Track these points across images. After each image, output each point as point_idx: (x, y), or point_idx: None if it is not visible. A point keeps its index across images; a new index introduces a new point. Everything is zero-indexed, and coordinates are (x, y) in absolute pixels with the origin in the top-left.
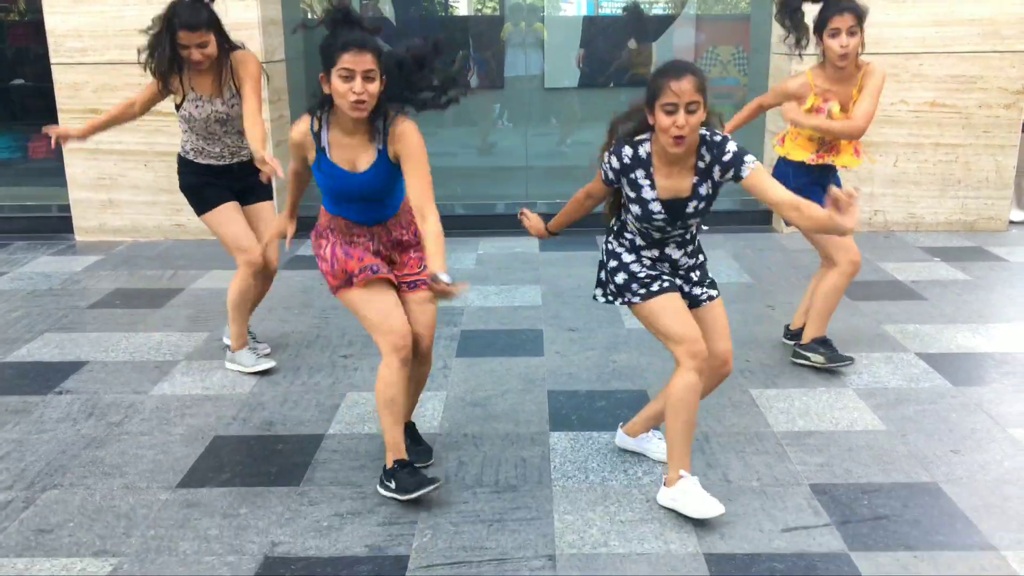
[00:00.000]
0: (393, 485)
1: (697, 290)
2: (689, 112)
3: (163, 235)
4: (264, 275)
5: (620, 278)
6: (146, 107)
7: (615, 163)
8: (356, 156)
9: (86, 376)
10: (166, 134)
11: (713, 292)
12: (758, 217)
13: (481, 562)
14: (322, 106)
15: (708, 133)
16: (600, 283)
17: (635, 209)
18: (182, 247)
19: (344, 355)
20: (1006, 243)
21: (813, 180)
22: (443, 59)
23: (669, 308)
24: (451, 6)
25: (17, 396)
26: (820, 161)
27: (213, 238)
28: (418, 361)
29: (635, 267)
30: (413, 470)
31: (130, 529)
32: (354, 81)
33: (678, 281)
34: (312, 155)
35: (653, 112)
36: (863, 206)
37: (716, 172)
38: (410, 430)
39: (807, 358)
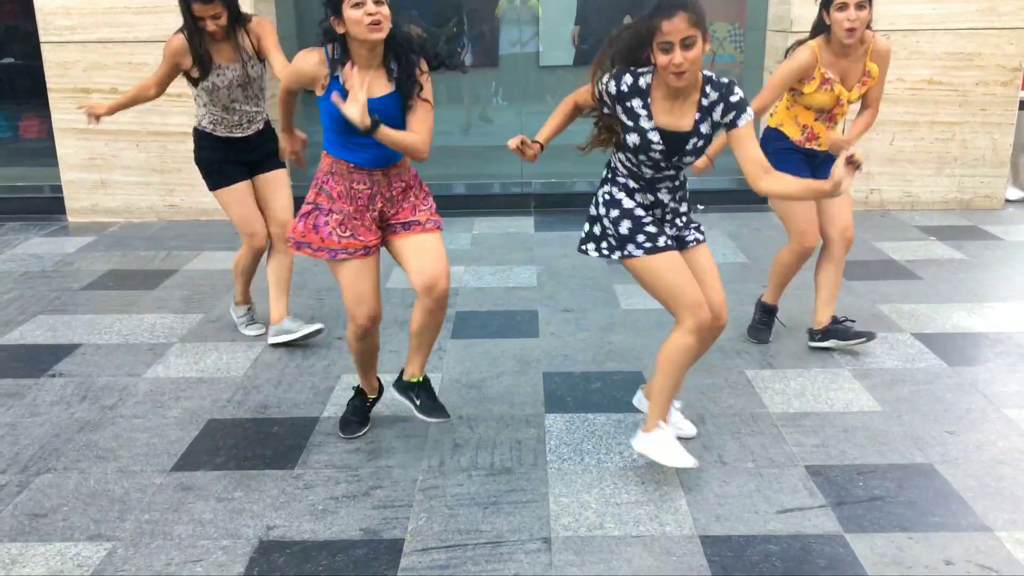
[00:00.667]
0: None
1: (685, 232)
2: (685, 47)
3: (156, 216)
4: (283, 243)
5: (624, 227)
6: (162, 88)
7: (612, 87)
8: (370, 85)
9: (79, 359)
10: (158, 113)
11: (700, 236)
12: (753, 196)
13: (476, 545)
14: (340, 49)
15: (714, 74)
16: (593, 237)
17: (632, 139)
18: (175, 227)
19: (339, 336)
20: (1002, 222)
21: (798, 158)
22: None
23: (674, 266)
24: None
25: (10, 379)
26: (807, 145)
27: (206, 218)
28: (435, 307)
29: (639, 212)
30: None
31: (124, 513)
32: (366, 4)
33: (669, 230)
34: (323, 83)
35: (652, 51)
36: (859, 184)
37: (718, 112)
38: (426, 386)
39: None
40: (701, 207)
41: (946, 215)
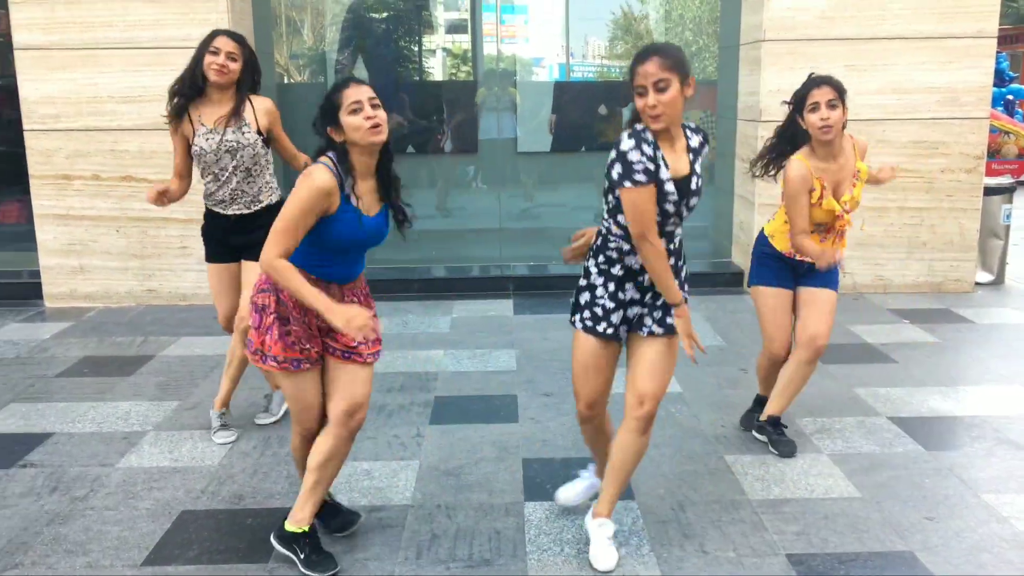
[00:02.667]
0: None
1: (648, 317)
2: (659, 91)
3: (134, 300)
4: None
5: (584, 298)
6: (187, 167)
7: (647, 149)
8: (370, 201)
9: (51, 448)
10: (138, 199)
11: (659, 329)
12: (729, 279)
13: None
14: (340, 158)
15: (690, 125)
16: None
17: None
18: (154, 312)
19: None
20: (973, 304)
21: (779, 265)
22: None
23: (587, 354)
24: (425, 71)
25: None
26: (797, 257)
27: (184, 304)
28: (348, 437)
29: (600, 292)
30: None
31: None
32: (364, 110)
33: (633, 308)
34: (336, 202)
35: (634, 97)
36: None
37: (705, 151)
38: (313, 536)
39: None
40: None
41: (918, 298)
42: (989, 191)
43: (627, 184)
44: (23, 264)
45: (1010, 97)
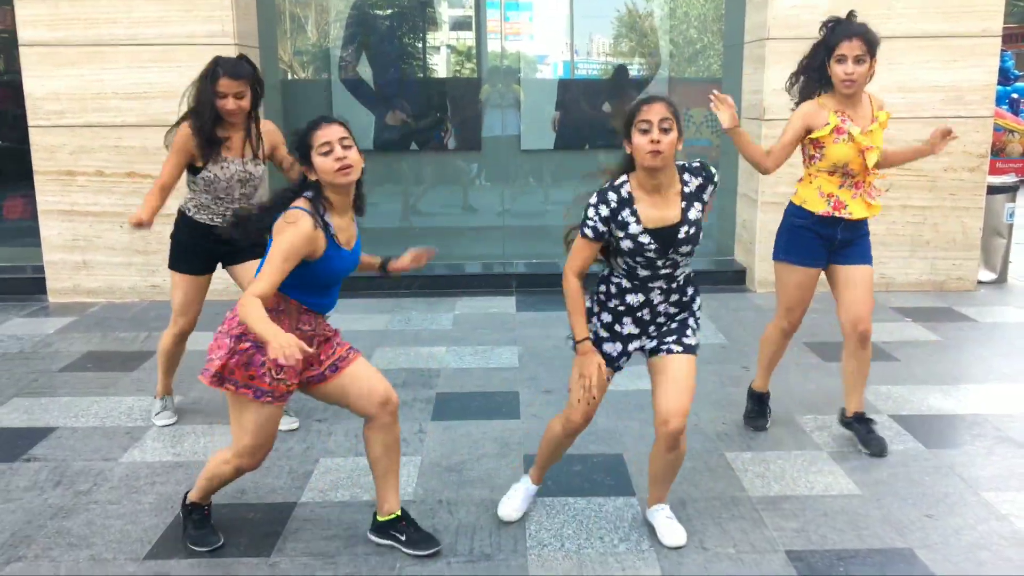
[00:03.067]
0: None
1: (662, 342)
2: (663, 130)
3: (138, 296)
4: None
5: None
6: (176, 179)
7: (603, 211)
8: (349, 234)
9: (55, 443)
10: (142, 196)
11: (677, 348)
12: (732, 277)
13: None
14: (316, 198)
15: (686, 163)
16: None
17: (626, 245)
18: (157, 308)
19: (319, 419)
20: (975, 303)
21: (812, 237)
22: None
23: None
24: (429, 68)
25: None
26: (836, 213)
27: None
28: (391, 421)
29: (594, 320)
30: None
31: None
32: (334, 151)
33: (644, 340)
34: (322, 246)
35: (631, 139)
36: None
37: (707, 193)
38: (407, 518)
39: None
40: None
41: (921, 296)
42: (992, 190)
43: (577, 232)
44: (27, 260)
45: (1015, 96)
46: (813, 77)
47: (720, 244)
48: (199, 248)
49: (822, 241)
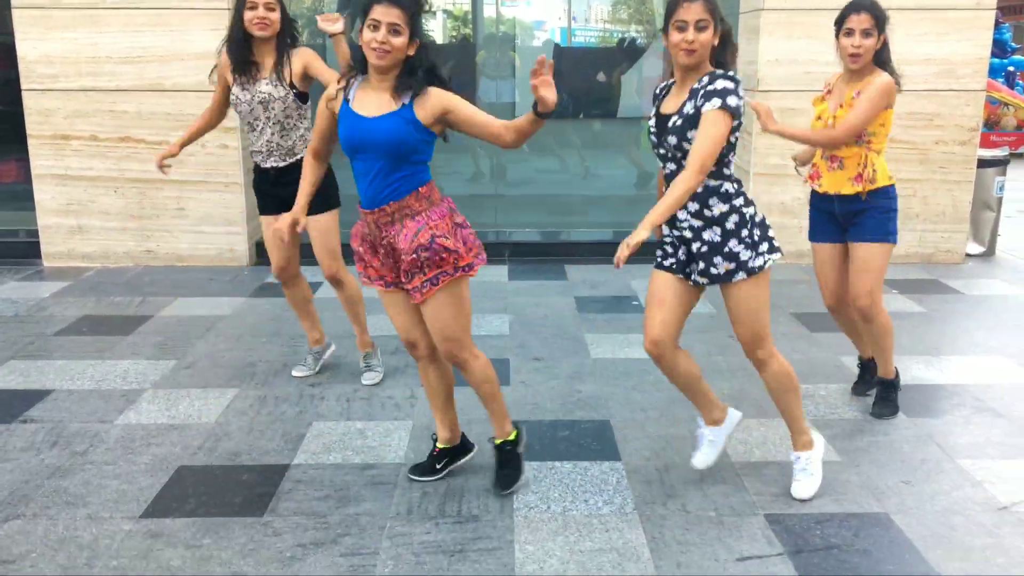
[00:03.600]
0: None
1: (693, 266)
2: (699, 29)
3: (133, 261)
4: (333, 282)
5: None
6: (221, 110)
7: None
8: (375, 106)
9: (51, 405)
10: (136, 160)
11: (700, 279)
12: None
13: None
14: (357, 67)
15: (723, 70)
16: None
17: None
18: (152, 273)
19: (312, 384)
20: (962, 276)
21: (821, 218)
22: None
23: (655, 288)
24: (424, 34)
25: None
26: (812, 184)
27: (182, 264)
28: (440, 367)
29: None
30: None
31: (92, 560)
32: (378, 31)
33: (678, 254)
34: (339, 103)
35: (668, 33)
36: None
37: (699, 96)
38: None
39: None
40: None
41: (908, 269)
42: (983, 163)
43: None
44: (22, 224)
45: (1011, 69)
46: None
47: None
48: (261, 190)
49: (826, 216)
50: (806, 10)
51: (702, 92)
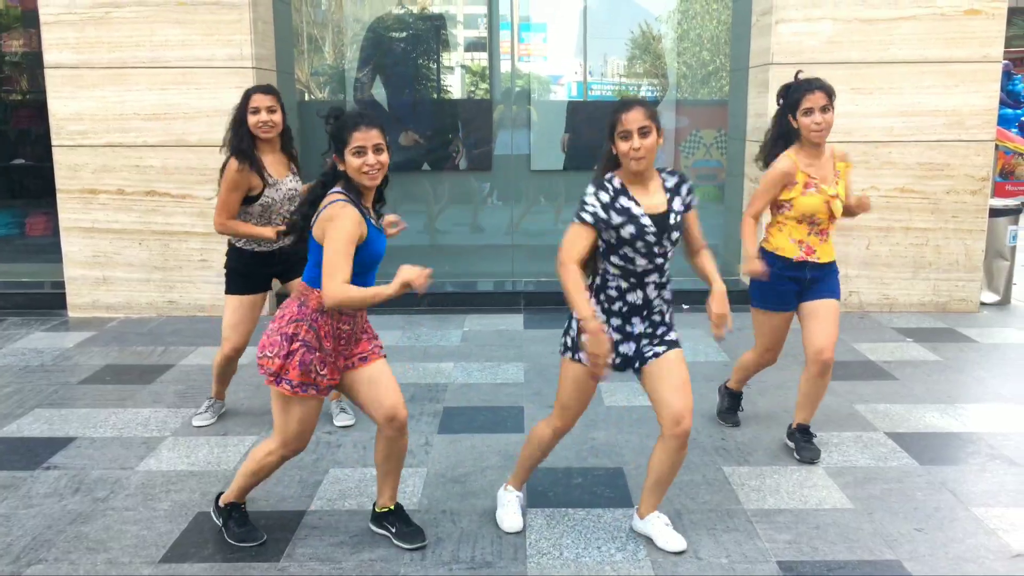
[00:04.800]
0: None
1: (648, 348)
2: (642, 135)
3: (156, 312)
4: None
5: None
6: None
7: (603, 197)
8: (374, 218)
9: (74, 452)
10: (162, 214)
11: (660, 349)
12: (735, 296)
13: None
14: (349, 187)
15: (663, 168)
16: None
17: (629, 231)
18: (173, 323)
19: (328, 431)
20: (977, 324)
21: (785, 282)
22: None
23: (579, 380)
24: (443, 89)
25: (6, 471)
26: (807, 258)
27: (203, 315)
28: (397, 435)
29: (615, 323)
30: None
31: None
32: (367, 155)
33: (641, 342)
34: (365, 230)
35: (614, 143)
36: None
37: (683, 191)
38: (399, 513)
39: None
40: (686, 307)
41: (923, 317)
42: (995, 212)
43: (575, 219)
44: (48, 276)
45: None
46: (780, 144)
47: (726, 263)
48: (253, 273)
49: (794, 284)
50: (814, 64)
51: (684, 188)
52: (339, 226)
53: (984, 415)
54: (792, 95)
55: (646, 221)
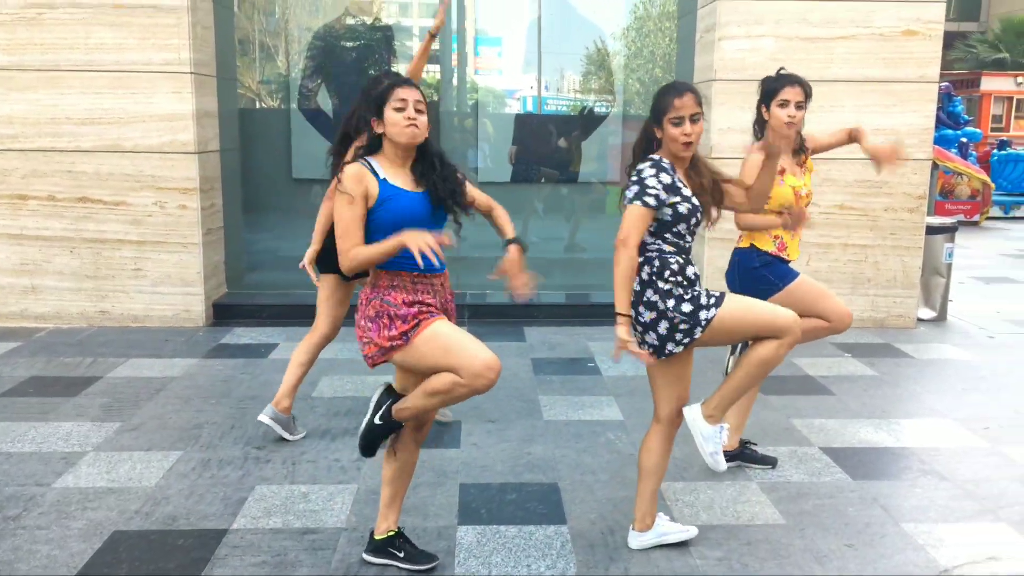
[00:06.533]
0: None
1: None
2: (693, 121)
3: (87, 322)
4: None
5: (686, 306)
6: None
7: (665, 179)
8: (410, 182)
9: None
10: (94, 221)
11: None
12: None
13: None
14: (370, 151)
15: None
16: (665, 338)
17: (685, 208)
18: (105, 334)
19: (258, 447)
20: (913, 340)
21: (766, 273)
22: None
23: (742, 300)
24: None
25: None
26: (779, 253)
27: (136, 325)
28: (421, 438)
29: (683, 307)
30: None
31: None
32: (407, 109)
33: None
34: (374, 188)
35: (662, 126)
36: None
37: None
38: (405, 535)
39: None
40: None
41: (862, 333)
42: (932, 230)
43: (636, 202)
44: None
45: (964, 140)
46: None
47: None
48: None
49: (771, 276)
50: (755, 80)
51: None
52: (337, 195)
53: (917, 430)
54: (771, 84)
55: (695, 200)
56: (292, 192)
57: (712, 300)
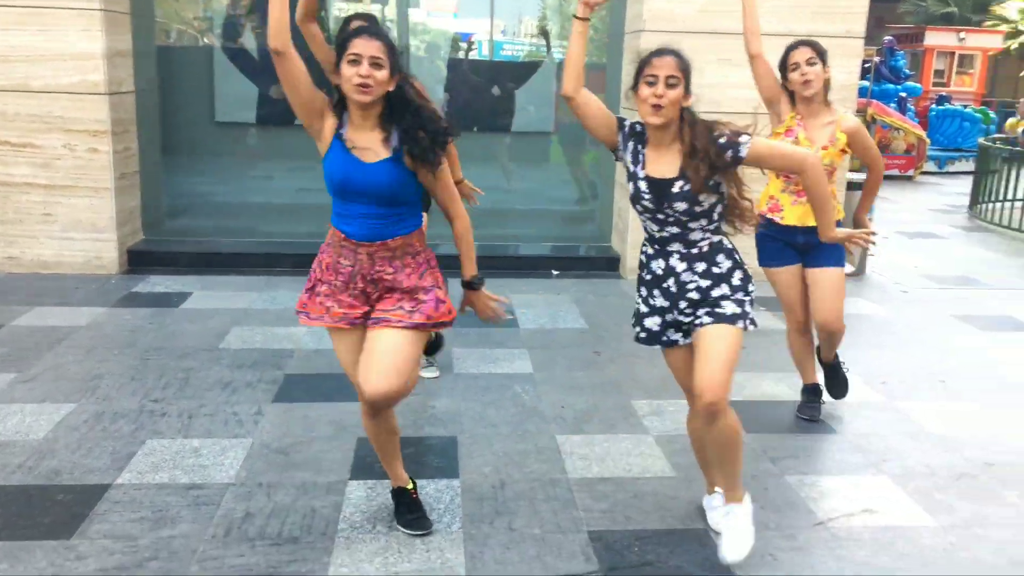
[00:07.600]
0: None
1: (690, 319)
2: (669, 86)
3: None
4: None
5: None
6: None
7: (637, 127)
8: (366, 149)
9: None
10: (1, 163)
11: (706, 319)
12: (605, 263)
13: None
14: (340, 102)
15: (695, 116)
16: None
17: (629, 187)
18: (14, 280)
19: (155, 399)
20: None
21: (776, 245)
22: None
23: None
24: (330, 41)
25: None
26: (769, 215)
27: (46, 272)
28: (376, 416)
29: (642, 308)
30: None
31: None
32: (360, 65)
33: (667, 318)
34: (329, 125)
35: (637, 90)
36: None
37: (712, 153)
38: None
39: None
40: (555, 272)
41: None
42: (853, 186)
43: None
44: None
45: (903, 94)
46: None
47: (601, 231)
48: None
49: (783, 244)
50: (685, 33)
51: (714, 149)
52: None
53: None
54: (781, 60)
55: (642, 185)
56: (216, 135)
57: (645, 335)
